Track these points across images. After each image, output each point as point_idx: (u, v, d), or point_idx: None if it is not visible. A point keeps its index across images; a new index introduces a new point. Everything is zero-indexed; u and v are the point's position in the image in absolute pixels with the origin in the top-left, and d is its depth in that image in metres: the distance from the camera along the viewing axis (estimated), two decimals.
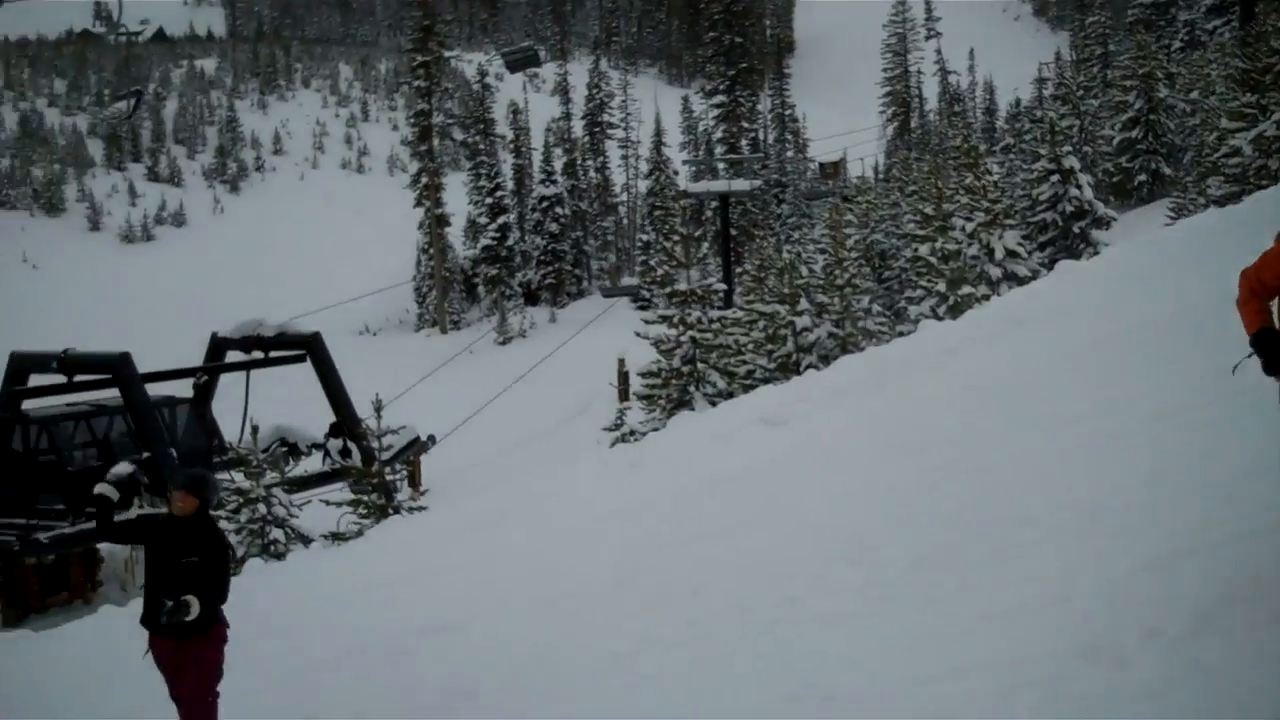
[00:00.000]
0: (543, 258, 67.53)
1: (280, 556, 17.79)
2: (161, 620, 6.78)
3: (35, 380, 30.25)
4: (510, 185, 71.71)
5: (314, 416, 34.45)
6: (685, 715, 6.17)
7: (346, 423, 33.24)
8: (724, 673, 6.62)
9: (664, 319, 27.34)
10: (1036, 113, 63.08)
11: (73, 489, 27.54)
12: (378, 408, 23.63)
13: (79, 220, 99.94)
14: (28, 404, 30.13)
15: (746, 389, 24.30)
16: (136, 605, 13.70)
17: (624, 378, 41.55)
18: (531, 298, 66.89)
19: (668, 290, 27.25)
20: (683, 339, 26.57)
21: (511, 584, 10.11)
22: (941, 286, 30.99)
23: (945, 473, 9.65)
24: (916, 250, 33.80)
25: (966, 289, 30.48)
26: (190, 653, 6.90)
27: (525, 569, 10.60)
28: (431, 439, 36.23)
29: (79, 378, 29.36)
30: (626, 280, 67.40)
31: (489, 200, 68.14)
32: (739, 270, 44.06)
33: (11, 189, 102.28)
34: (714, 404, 23.55)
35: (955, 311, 26.67)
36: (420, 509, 20.91)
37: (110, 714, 8.96)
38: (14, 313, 71.46)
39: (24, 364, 30.04)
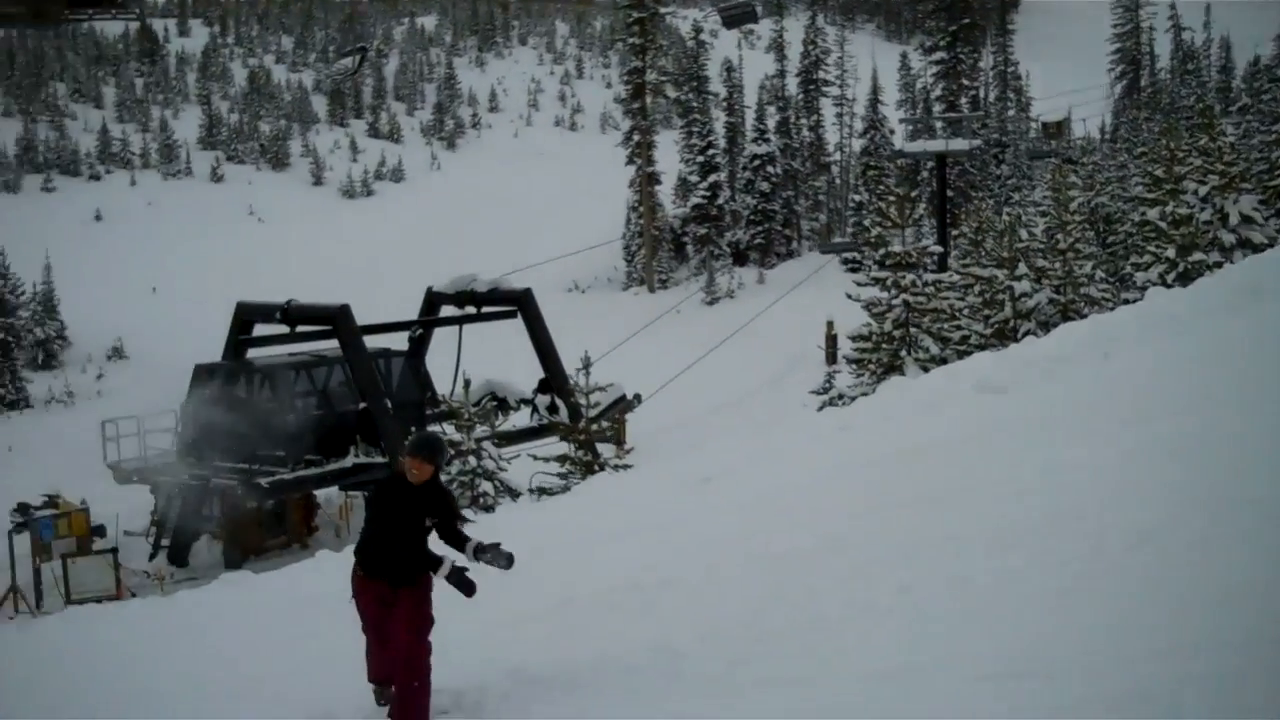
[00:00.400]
0: (753, 217, 67.17)
1: (489, 509, 18.11)
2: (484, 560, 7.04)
3: (259, 330, 31.54)
4: (722, 143, 71.47)
5: (523, 372, 35.06)
6: (896, 682, 6.00)
7: (555, 379, 33.72)
8: (936, 643, 6.41)
9: (876, 281, 26.85)
10: (1277, 71, 59.73)
11: (293, 436, 28.65)
12: (585, 365, 23.86)
13: (303, 175, 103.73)
14: (251, 353, 31.45)
15: (960, 355, 23.73)
16: (351, 551, 14.20)
17: (832, 341, 41.12)
18: (740, 257, 66.66)
19: (881, 252, 26.74)
20: (895, 302, 26.07)
21: (719, 544, 10.05)
22: (1171, 252, 29.69)
23: (1172, 445, 9.18)
24: (1144, 214, 32.44)
25: (1198, 255, 29.13)
26: (402, 597, 7.02)
27: (733, 529, 10.53)
28: (637, 397, 36.48)
29: (300, 328, 30.47)
30: (838, 240, 66.53)
31: (700, 158, 68.06)
32: (955, 233, 42.98)
33: (240, 144, 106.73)
34: (926, 370, 23.06)
35: (1185, 279, 25.52)
36: (626, 467, 21.07)
37: (318, 653, 9.24)
38: (240, 264, 74.70)
39: (250, 314, 31.30)
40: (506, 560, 7.03)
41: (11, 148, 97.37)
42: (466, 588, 6.95)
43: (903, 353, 26.02)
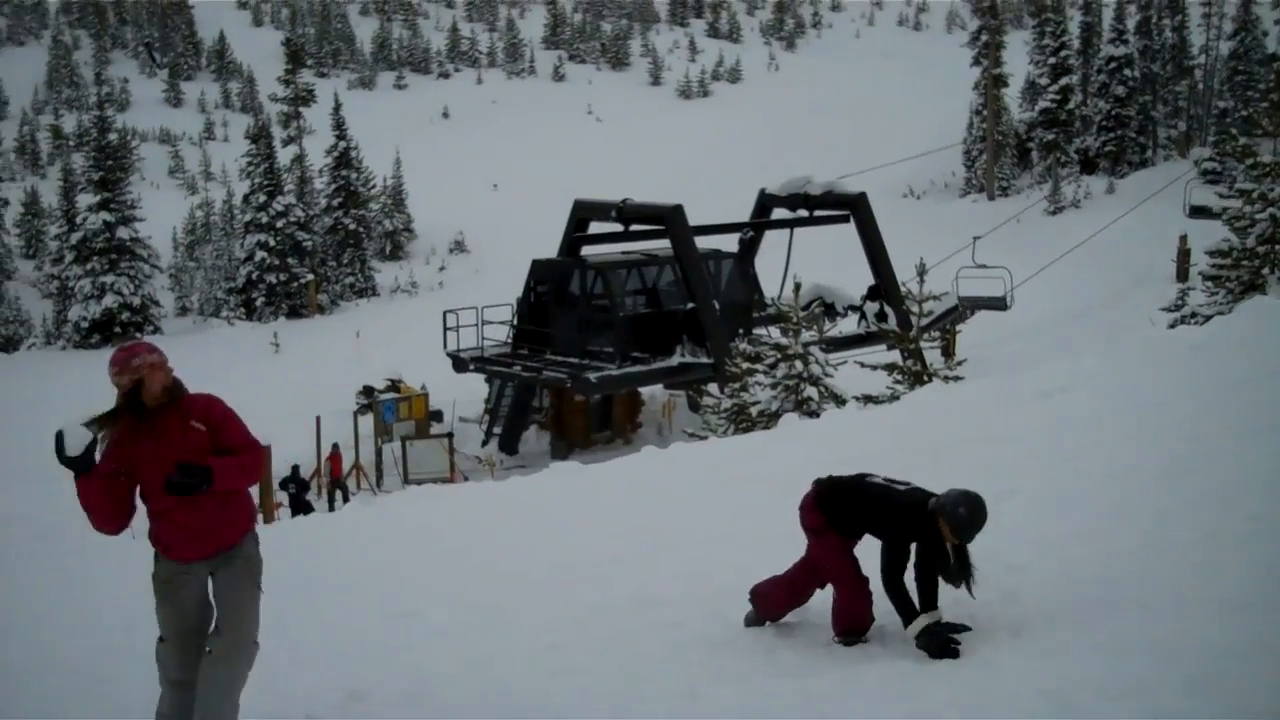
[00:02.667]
0: (1105, 123, 63.69)
1: (814, 414, 18.01)
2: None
3: (595, 228, 32.27)
4: (1076, 45, 67.88)
5: (854, 277, 34.63)
6: (1251, 612, 5.59)
7: (886, 286, 33.18)
8: None
9: (1241, 194, 24.99)
10: None
11: (622, 334, 29.30)
12: (921, 272, 23.28)
13: (641, 74, 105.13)
14: (586, 250, 32.25)
15: None
16: (678, 447, 14.43)
17: (1185, 255, 38.72)
18: (1089, 165, 63.49)
19: (1248, 162, 24.83)
20: (1260, 216, 24.20)
21: (1054, 463, 9.65)
22: None
23: None
24: None
25: None
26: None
27: (1069, 449, 10.07)
28: (1008, 300, 34.77)
29: (634, 227, 31.00)
30: (1197, 151, 62.35)
31: (1051, 60, 64.92)
32: None
33: (582, 44, 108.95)
34: None
35: None
36: (957, 379, 20.51)
37: (645, 542, 9.43)
38: (578, 162, 76.59)
39: (586, 212, 32.06)
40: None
41: (368, 45, 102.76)
42: None
43: (1265, 271, 24.20)
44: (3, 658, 8.22)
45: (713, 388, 27.75)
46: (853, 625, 6.65)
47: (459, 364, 31.40)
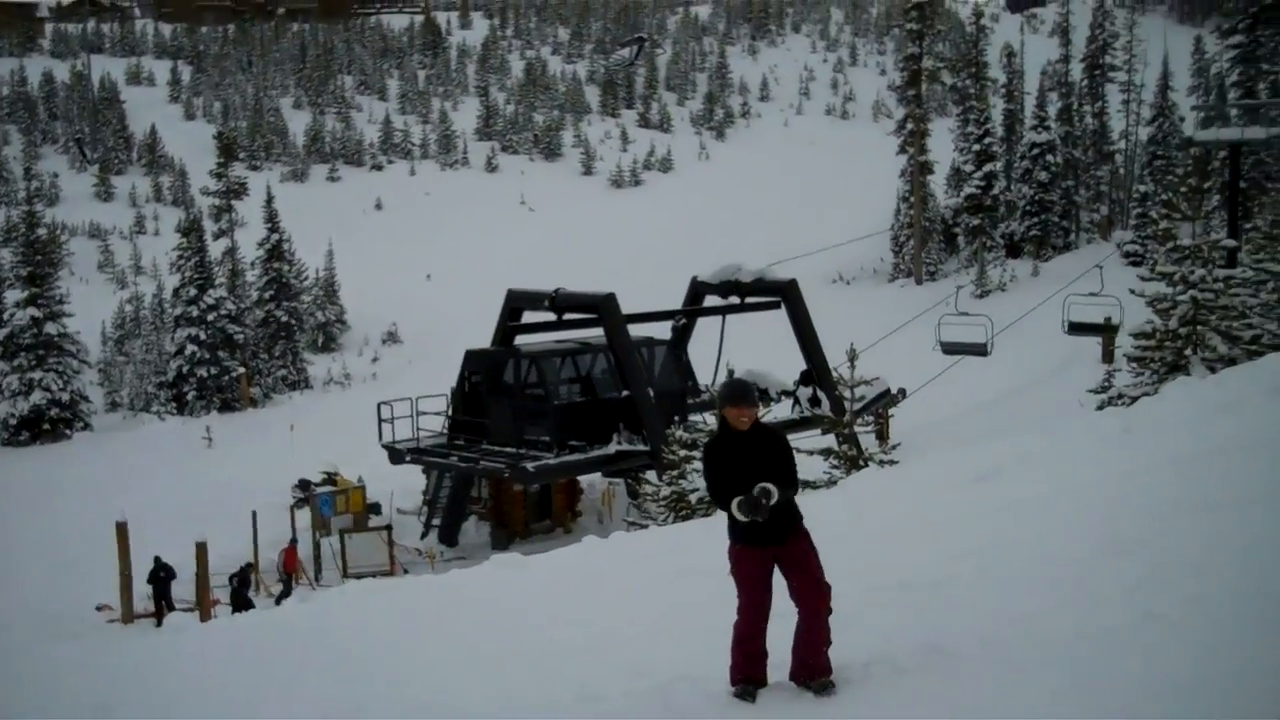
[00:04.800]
0: (1029, 208, 65.05)
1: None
2: (751, 513, 6.75)
3: (528, 317, 32.36)
4: (999, 131, 69.47)
5: (786, 363, 34.90)
6: (1188, 697, 5.65)
7: (818, 371, 33.47)
8: (1231, 654, 6.02)
9: (1162, 276, 25.54)
10: None
11: (558, 422, 29.28)
12: (851, 357, 23.52)
13: (573, 165, 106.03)
14: (520, 340, 32.29)
15: (1250, 356, 22.35)
16: (619, 536, 14.39)
17: (1111, 338, 39.36)
18: (1014, 249, 64.69)
19: (1168, 245, 25.42)
20: (1181, 298, 24.74)
21: (991, 546, 9.72)
22: None
23: None
24: None
25: None
26: (797, 548, 6.97)
27: (1007, 530, 10.17)
28: (902, 392, 35.87)
29: (567, 316, 31.10)
30: (1119, 234, 63.76)
31: (976, 147, 66.35)
32: (1248, 226, 40.52)
33: (514, 134, 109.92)
34: (1213, 370, 21.81)
35: None
36: (892, 463, 20.67)
37: (587, 635, 9.36)
38: (511, 252, 76.90)
39: (519, 301, 32.17)
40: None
41: (300, 138, 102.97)
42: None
43: (1188, 352, 24.68)
44: None
45: (651, 475, 27.73)
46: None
47: (395, 455, 31.18)
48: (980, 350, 34.82)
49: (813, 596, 6.85)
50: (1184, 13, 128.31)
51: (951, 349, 35.16)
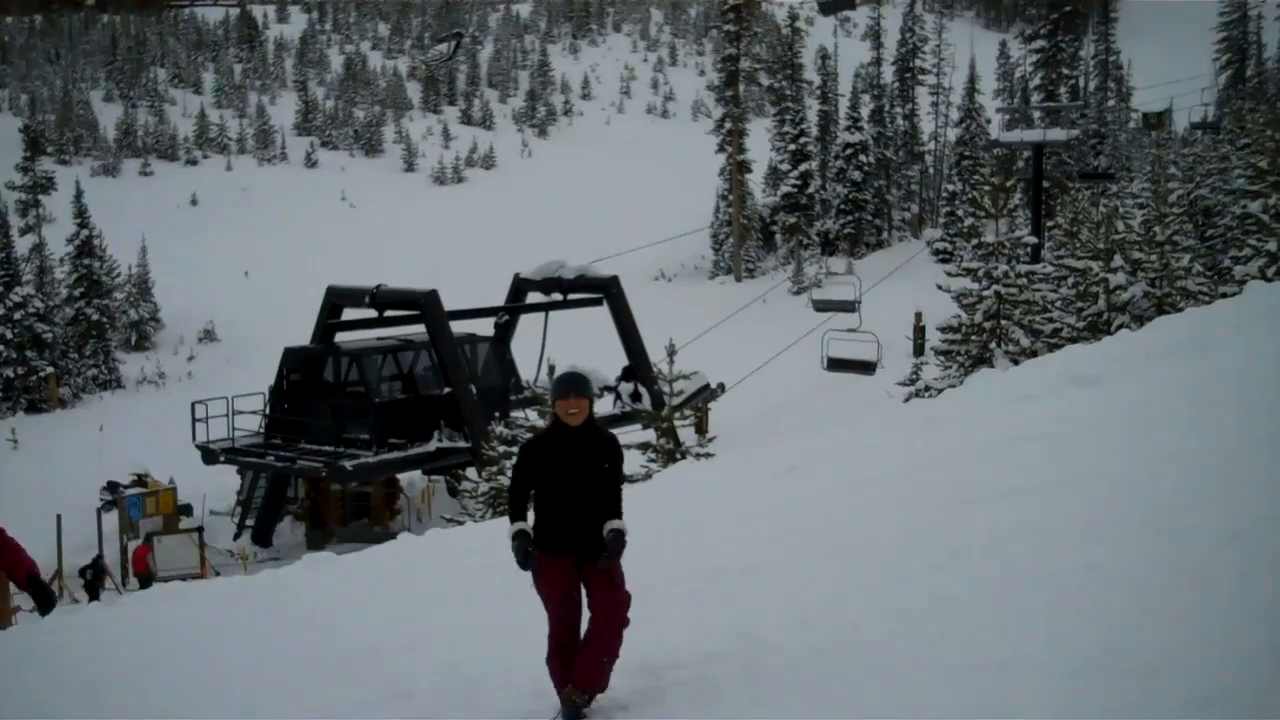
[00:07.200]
0: (843, 206, 66.71)
1: None
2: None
3: (348, 314, 31.89)
4: (814, 132, 71.01)
5: (608, 359, 35.09)
6: (982, 676, 5.87)
7: (639, 367, 33.77)
8: (1021, 635, 6.28)
9: (968, 272, 26.49)
10: None
11: (378, 420, 28.94)
12: (671, 353, 23.82)
13: (395, 161, 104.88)
14: (340, 337, 31.81)
15: (1052, 348, 23.32)
16: (434, 533, 14.26)
17: (920, 332, 40.62)
18: (829, 247, 66.19)
19: (974, 242, 26.36)
20: (986, 293, 25.68)
21: (799, 534, 9.94)
22: (1272, 246, 28.96)
23: (1272, 442, 8.92)
24: (1246, 207, 31.69)
25: None
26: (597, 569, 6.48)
27: (814, 520, 10.41)
28: (721, 386, 36.40)
29: (389, 313, 30.76)
30: (929, 232, 65.79)
31: (792, 147, 67.67)
32: (1050, 224, 42.25)
33: (334, 130, 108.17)
34: (1016, 362, 22.69)
35: None
36: (708, 455, 20.98)
37: (402, 634, 9.28)
38: (331, 249, 75.63)
39: (340, 298, 31.69)
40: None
41: (111, 132, 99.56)
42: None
43: (992, 345, 25.64)
44: None
45: (471, 472, 27.60)
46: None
47: (209, 456, 30.40)
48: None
49: (607, 613, 6.43)
50: (990, 18, 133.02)
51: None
